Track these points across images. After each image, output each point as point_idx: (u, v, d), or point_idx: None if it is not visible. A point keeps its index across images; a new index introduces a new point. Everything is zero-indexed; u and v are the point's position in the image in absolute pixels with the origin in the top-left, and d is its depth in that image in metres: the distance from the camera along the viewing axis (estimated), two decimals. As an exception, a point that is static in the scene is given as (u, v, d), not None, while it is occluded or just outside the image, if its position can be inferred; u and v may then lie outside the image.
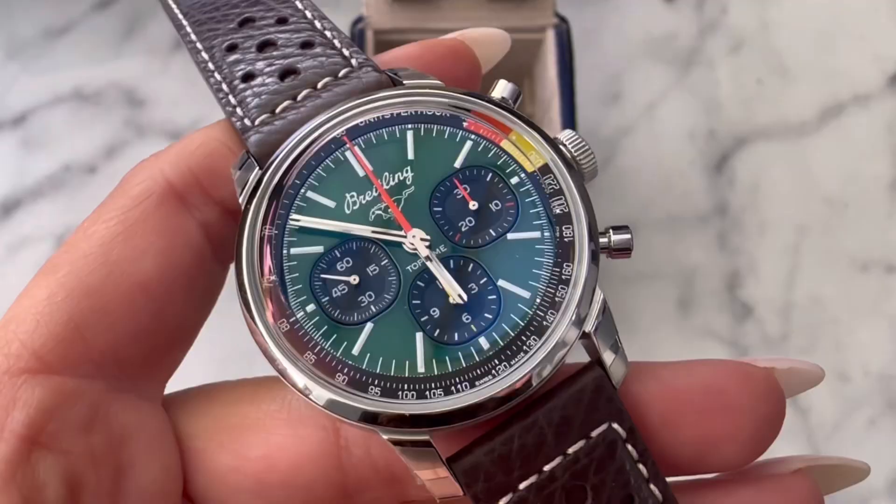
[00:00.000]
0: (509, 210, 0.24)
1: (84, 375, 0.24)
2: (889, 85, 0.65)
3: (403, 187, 0.24)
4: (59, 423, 0.23)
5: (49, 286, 0.24)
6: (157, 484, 0.24)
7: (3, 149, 0.62)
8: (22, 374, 0.23)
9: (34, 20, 0.65)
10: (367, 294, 0.23)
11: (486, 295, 0.23)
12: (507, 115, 0.25)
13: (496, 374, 0.23)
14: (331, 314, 0.23)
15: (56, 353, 0.23)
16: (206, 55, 0.27)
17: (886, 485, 0.58)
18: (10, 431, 0.22)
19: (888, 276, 0.61)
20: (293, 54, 0.27)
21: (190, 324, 0.26)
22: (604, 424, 0.22)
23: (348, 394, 0.22)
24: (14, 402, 0.23)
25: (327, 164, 0.25)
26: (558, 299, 0.23)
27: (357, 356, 0.23)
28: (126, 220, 0.24)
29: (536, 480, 0.22)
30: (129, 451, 0.24)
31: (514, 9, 0.54)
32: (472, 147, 0.25)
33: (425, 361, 0.23)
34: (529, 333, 0.23)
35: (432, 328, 0.23)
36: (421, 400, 0.22)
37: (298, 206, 0.24)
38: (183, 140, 0.26)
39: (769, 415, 0.23)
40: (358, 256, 0.24)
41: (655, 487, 0.22)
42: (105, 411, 0.24)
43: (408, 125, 0.25)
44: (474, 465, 0.22)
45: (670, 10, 0.66)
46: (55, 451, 0.23)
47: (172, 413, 0.26)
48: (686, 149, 0.63)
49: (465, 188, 0.24)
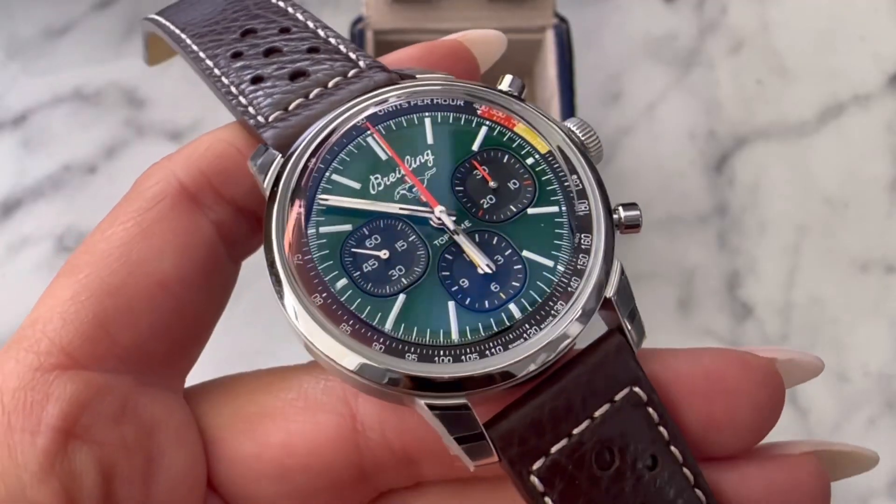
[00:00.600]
0: (527, 188, 0.25)
1: (111, 370, 0.24)
2: (889, 85, 0.65)
3: (425, 168, 0.25)
4: (92, 416, 0.24)
5: (72, 287, 0.25)
6: (184, 471, 0.25)
7: (3, 149, 0.62)
8: (53, 369, 0.24)
9: (34, 20, 0.65)
10: (398, 268, 0.24)
11: (513, 265, 0.24)
12: (518, 103, 0.27)
13: (528, 336, 0.23)
14: (363, 287, 0.24)
15: (84, 349, 0.24)
16: (211, 62, 0.28)
17: (886, 485, 0.58)
18: (47, 425, 0.23)
19: (888, 276, 0.61)
20: (301, 59, 0.27)
21: (207, 319, 0.27)
22: (626, 388, 0.24)
23: (386, 357, 0.23)
24: (48, 397, 0.23)
25: (350, 150, 0.25)
26: (580, 267, 0.24)
27: (392, 326, 0.23)
28: (143, 222, 0.25)
29: (567, 444, 0.23)
30: (158, 441, 0.25)
31: (514, 9, 0.54)
32: (487, 132, 0.26)
33: (459, 328, 0.23)
34: (556, 298, 0.24)
35: (463, 297, 0.24)
36: (457, 363, 0.23)
37: (324, 187, 0.25)
38: (192, 143, 0.27)
39: (768, 401, 0.24)
40: (386, 233, 0.25)
41: (676, 449, 0.24)
42: (133, 403, 0.25)
43: (425, 113, 0.26)
44: (509, 431, 0.23)
45: (670, 10, 0.66)
46: (89, 442, 0.24)
47: (193, 404, 0.27)
48: (686, 149, 0.63)
49: (485, 169, 0.26)
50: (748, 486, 0.24)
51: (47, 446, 0.23)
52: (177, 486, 0.25)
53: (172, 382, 0.26)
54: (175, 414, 0.26)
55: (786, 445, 0.25)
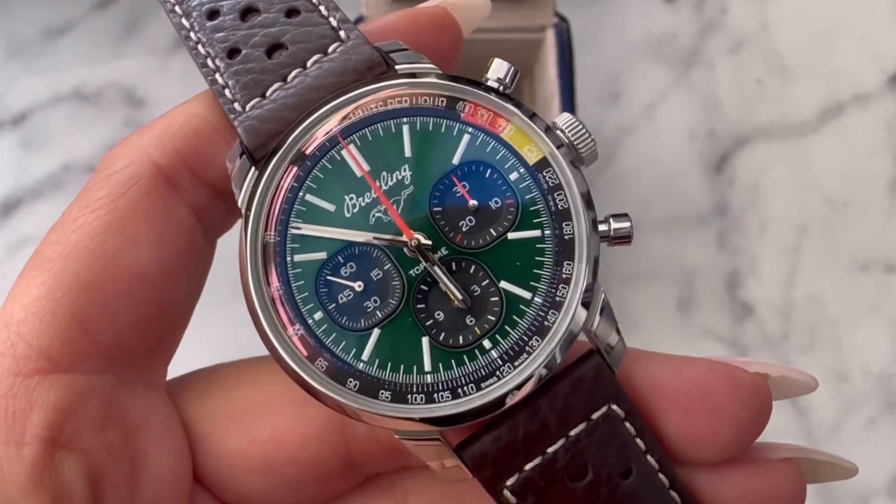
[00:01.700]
0: (509, 207, 0.24)
1: (93, 371, 0.24)
2: (889, 85, 0.65)
3: (402, 187, 0.24)
4: (77, 423, 0.23)
5: (46, 283, 0.23)
6: (169, 470, 0.25)
7: (3, 149, 0.62)
8: (34, 374, 0.23)
9: (34, 20, 0.65)
10: (373, 299, 0.24)
11: (489, 297, 0.24)
12: (505, 105, 0.25)
13: (501, 375, 0.23)
14: (338, 321, 0.23)
15: (64, 351, 0.23)
16: (186, 22, 0.26)
17: (886, 485, 0.58)
18: (32, 435, 0.23)
19: (888, 276, 0.61)
20: (278, 22, 0.25)
21: (186, 306, 0.26)
22: (604, 406, 0.23)
23: (360, 399, 0.23)
24: (31, 405, 0.23)
25: (324, 165, 0.24)
26: (559, 299, 0.23)
27: (366, 362, 0.23)
28: (116, 209, 0.24)
29: (541, 461, 0.23)
30: (142, 442, 0.24)
31: (514, 9, 0.54)
32: (469, 141, 0.24)
33: (432, 365, 0.23)
34: (532, 334, 0.23)
35: (437, 332, 0.23)
36: (430, 404, 0.23)
37: (298, 210, 0.24)
38: (164, 118, 0.25)
39: (750, 421, 0.24)
40: (361, 261, 0.24)
41: (652, 458, 0.24)
42: (117, 405, 0.24)
43: (403, 119, 0.24)
44: (482, 453, 0.23)
45: (670, 10, 0.66)
46: (76, 450, 0.23)
47: (178, 399, 0.26)
48: (686, 149, 0.63)
49: (465, 185, 0.24)
50: (726, 488, 0.24)
51: (34, 458, 0.22)
52: (162, 485, 0.25)
53: (153, 376, 0.26)
54: (157, 411, 0.25)
55: (766, 448, 0.25)
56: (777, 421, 0.62)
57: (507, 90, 0.25)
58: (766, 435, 0.24)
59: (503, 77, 0.25)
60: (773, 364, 0.25)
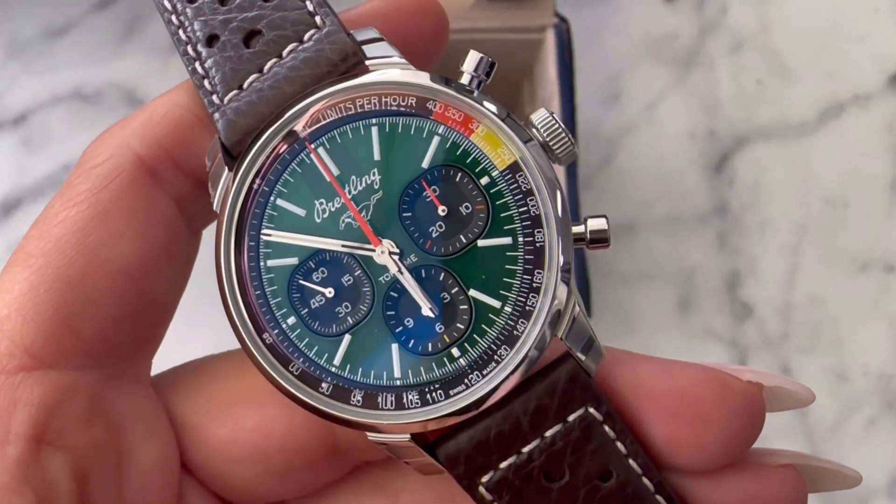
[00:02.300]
0: (479, 213, 0.24)
1: (77, 367, 0.24)
2: (889, 85, 0.65)
3: (371, 192, 0.24)
4: (62, 420, 0.23)
5: (28, 279, 0.23)
6: (156, 463, 0.25)
7: (3, 149, 0.62)
8: (18, 372, 0.23)
9: (34, 20, 0.65)
10: (344, 305, 0.24)
11: (458, 304, 0.24)
12: (476, 106, 0.24)
13: (469, 383, 0.23)
14: (311, 326, 0.24)
15: (47, 348, 0.23)
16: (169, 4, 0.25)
17: (886, 485, 0.58)
18: (17, 433, 0.22)
19: (888, 276, 0.61)
20: (255, 5, 0.25)
21: (171, 299, 0.26)
22: (580, 409, 0.23)
23: (332, 403, 0.23)
24: (15, 402, 0.23)
25: (294, 169, 0.24)
26: (529, 308, 0.23)
27: (338, 366, 0.24)
28: (98, 203, 0.24)
29: (515, 461, 0.23)
30: (128, 437, 0.24)
31: (514, 9, 0.54)
32: (439, 144, 0.24)
33: (402, 371, 0.23)
34: (500, 343, 0.23)
35: (407, 339, 0.24)
36: (399, 410, 0.23)
37: (270, 214, 0.24)
38: (145, 109, 0.25)
39: (742, 429, 0.23)
40: (332, 267, 0.24)
41: (634, 463, 0.23)
42: (102, 401, 0.24)
43: (372, 120, 0.24)
44: (456, 451, 0.23)
45: (670, 10, 0.66)
46: (62, 447, 0.23)
47: (164, 392, 0.26)
48: (686, 149, 0.63)
49: (434, 190, 0.24)
50: (722, 493, 0.24)
51: (19, 456, 0.22)
52: (150, 478, 0.25)
53: (138, 371, 0.26)
54: (143, 405, 0.25)
55: (766, 454, 0.24)
56: (776, 421, 0.62)
57: (483, 83, 0.25)
58: (766, 435, 0.23)
59: (478, 70, 0.25)
60: (768, 374, 0.24)
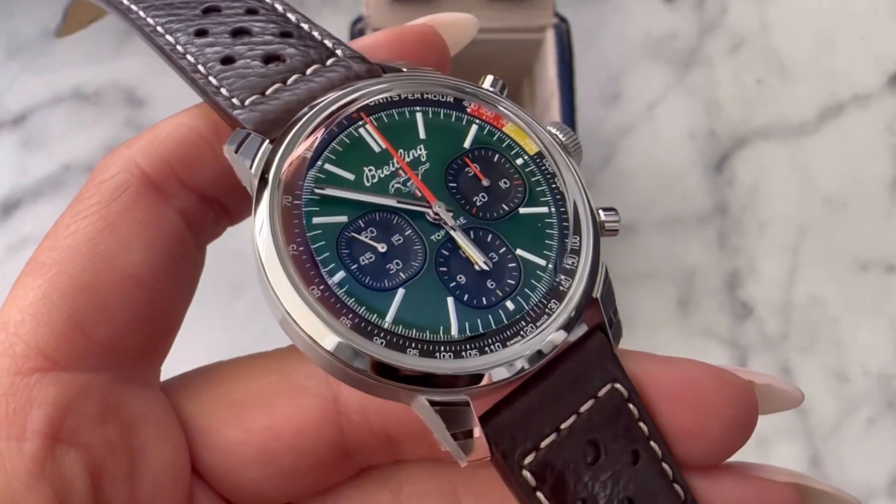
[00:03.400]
0: (518, 188, 0.26)
1: (90, 369, 0.24)
2: (889, 85, 0.65)
3: (419, 163, 0.25)
4: (77, 418, 0.24)
5: (41, 286, 0.24)
6: (168, 464, 0.25)
7: (3, 149, 0.62)
8: (33, 373, 0.23)
9: (34, 20, 0.65)
10: (395, 262, 0.24)
11: (507, 263, 0.25)
12: (504, 103, 0.27)
13: (524, 335, 0.24)
14: (361, 280, 0.23)
15: (61, 350, 0.24)
16: (171, 38, 0.26)
17: (886, 485, 0.58)
18: (33, 431, 0.23)
19: (888, 276, 0.61)
20: (273, 42, 0.26)
21: (178, 308, 0.27)
22: (608, 385, 0.24)
23: (389, 353, 0.22)
24: (31, 402, 0.23)
25: (342, 139, 0.25)
26: (571, 267, 0.25)
27: (392, 321, 0.23)
28: (107, 215, 0.25)
29: (556, 438, 0.24)
30: (140, 437, 0.25)
31: (514, 9, 0.54)
32: (478, 130, 0.26)
33: (459, 325, 0.24)
34: (550, 297, 0.24)
35: (461, 293, 0.24)
36: (458, 359, 0.23)
37: (318, 177, 0.24)
38: (152, 129, 0.26)
39: (739, 420, 0.24)
40: (382, 226, 0.24)
41: (655, 444, 0.24)
42: (114, 401, 0.25)
43: (416, 107, 0.26)
44: (502, 426, 0.23)
45: (670, 10, 0.66)
46: (76, 445, 0.24)
47: (175, 395, 0.27)
48: (686, 149, 0.63)
49: (477, 166, 0.26)
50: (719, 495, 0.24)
51: (35, 452, 0.23)
52: (161, 479, 0.25)
53: (148, 375, 0.26)
54: (154, 407, 0.26)
55: (769, 470, 0.25)
56: (777, 421, 0.62)
57: None
58: (766, 435, 0.24)
59: (496, 90, 0.27)
60: (758, 373, 0.25)
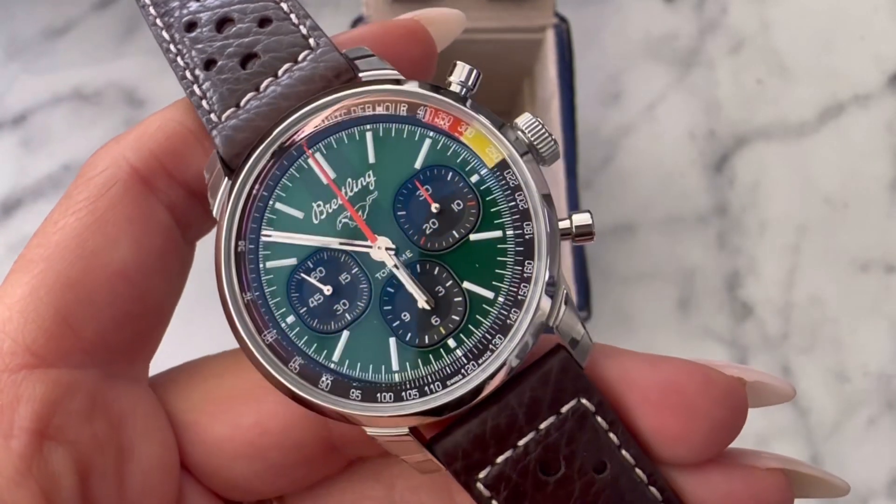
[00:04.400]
0: (471, 209, 0.25)
1: (78, 366, 0.24)
2: (889, 85, 0.65)
3: (367, 193, 0.25)
4: (64, 415, 0.24)
5: (29, 283, 0.24)
6: (156, 460, 0.25)
7: (3, 149, 0.63)
8: (20, 370, 0.23)
9: (34, 20, 0.65)
10: (342, 302, 0.24)
11: (453, 297, 0.24)
12: (464, 109, 0.25)
13: (465, 373, 0.24)
14: (309, 324, 0.24)
15: (48, 347, 0.24)
16: (167, 35, 0.27)
17: (886, 485, 0.58)
18: (20, 428, 0.23)
19: (888, 276, 0.61)
20: (251, 32, 0.26)
21: (167, 303, 0.27)
22: (573, 400, 0.24)
23: (332, 399, 0.24)
24: (18, 399, 0.23)
25: (292, 174, 0.25)
26: (521, 297, 0.24)
27: (337, 362, 0.24)
28: (95, 210, 0.25)
29: (512, 454, 0.24)
30: (128, 433, 0.25)
31: (514, 9, 0.54)
32: (431, 146, 0.25)
33: (399, 365, 0.24)
34: (494, 332, 0.24)
35: (404, 332, 0.24)
36: (398, 402, 0.24)
37: (269, 218, 0.25)
38: (141, 124, 0.26)
39: (725, 420, 0.24)
40: (330, 266, 0.25)
41: (627, 453, 0.24)
42: (102, 398, 0.25)
43: (366, 126, 0.25)
44: (453, 447, 0.24)
45: (670, 10, 0.66)
46: (63, 441, 0.24)
47: (162, 392, 0.27)
48: (686, 149, 0.63)
49: (427, 189, 0.25)
50: (707, 489, 0.24)
51: (22, 449, 0.23)
52: (150, 475, 0.25)
53: (136, 371, 0.26)
54: (142, 404, 0.26)
55: (754, 456, 0.25)
56: (777, 421, 0.62)
57: (469, 93, 0.26)
58: (766, 435, 0.24)
59: (465, 80, 0.26)
60: (749, 369, 0.25)
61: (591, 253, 0.54)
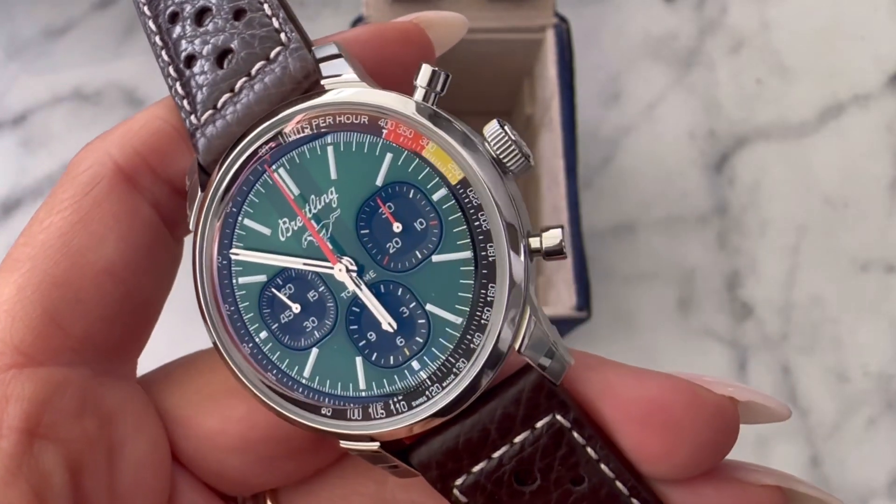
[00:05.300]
0: (433, 229, 0.24)
1: (67, 364, 0.24)
2: (889, 85, 0.65)
3: (330, 210, 0.24)
4: (54, 414, 0.24)
5: (16, 282, 0.24)
6: (147, 457, 0.25)
7: (3, 149, 0.63)
8: (9, 369, 0.23)
9: (34, 20, 0.65)
10: (311, 319, 0.25)
11: (417, 319, 0.24)
12: (424, 123, 0.24)
13: (430, 395, 0.24)
14: (281, 340, 0.25)
15: (36, 345, 0.24)
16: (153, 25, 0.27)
17: (886, 485, 0.58)
18: (9, 427, 0.23)
19: (888, 276, 0.61)
20: (227, 26, 0.26)
21: (155, 301, 0.27)
22: (547, 416, 0.24)
23: (304, 414, 0.24)
24: (7, 398, 0.23)
25: (258, 189, 0.25)
26: (484, 321, 0.23)
27: (308, 378, 0.25)
28: (80, 209, 0.25)
29: (486, 465, 0.24)
30: (119, 430, 0.25)
31: (514, 9, 0.54)
32: (392, 161, 0.24)
33: (366, 383, 0.24)
34: (458, 356, 0.24)
35: (370, 352, 0.24)
36: (366, 420, 0.24)
37: (238, 234, 0.25)
38: (127, 121, 0.26)
39: (712, 441, 0.23)
40: (298, 283, 0.25)
41: (606, 467, 0.23)
42: (91, 396, 0.25)
43: (328, 139, 0.24)
44: (427, 456, 0.24)
45: (670, 10, 0.66)
46: (54, 440, 0.24)
47: (151, 388, 0.27)
48: (686, 149, 0.63)
49: (389, 207, 0.24)
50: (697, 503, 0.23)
51: (12, 449, 0.23)
52: (141, 472, 0.25)
53: (125, 369, 0.26)
54: (132, 401, 0.26)
55: (752, 471, 0.24)
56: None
57: (438, 96, 0.25)
58: (766, 435, 0.23)
59: (432, 84, 0.24)
60: (743, 388, 0.24)
61: (591, 253, 0.54)
